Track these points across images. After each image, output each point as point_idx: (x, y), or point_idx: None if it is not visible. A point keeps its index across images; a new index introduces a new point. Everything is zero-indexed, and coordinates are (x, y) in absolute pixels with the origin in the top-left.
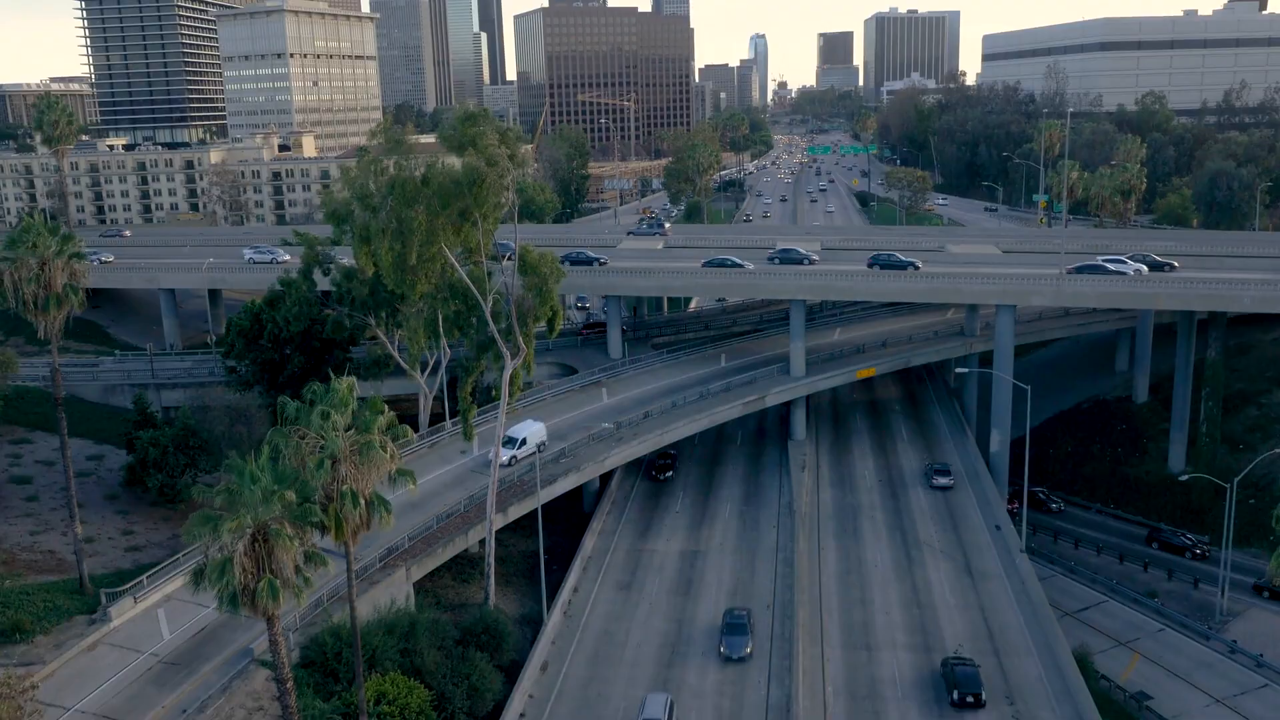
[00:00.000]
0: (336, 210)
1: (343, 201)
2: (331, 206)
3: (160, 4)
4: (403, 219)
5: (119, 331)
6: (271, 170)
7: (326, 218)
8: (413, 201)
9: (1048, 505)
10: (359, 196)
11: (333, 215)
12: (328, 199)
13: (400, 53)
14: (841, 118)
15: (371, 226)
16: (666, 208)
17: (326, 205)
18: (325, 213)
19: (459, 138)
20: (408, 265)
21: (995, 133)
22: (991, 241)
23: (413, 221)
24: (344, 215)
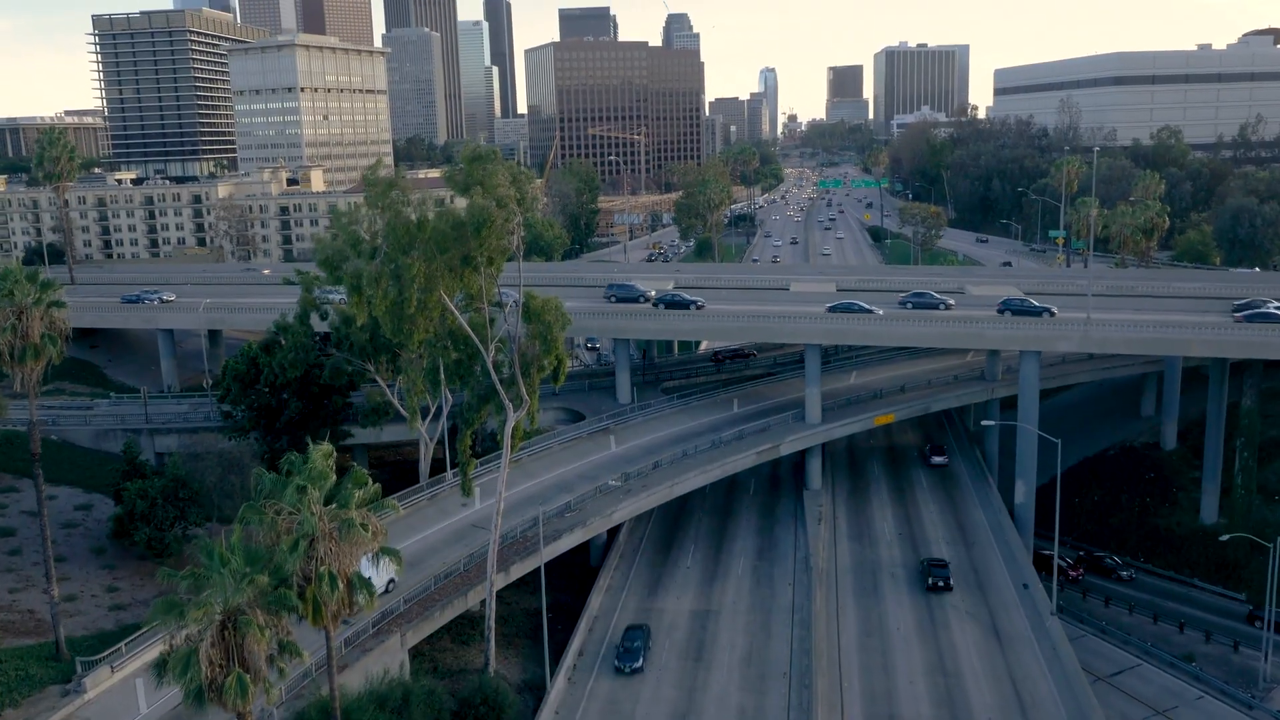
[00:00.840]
0: (329, 257)
1: (336, 247)
2: (325, 253)
3: (173, 38)
4: (398, 266)
5: (116, 372)
6: (279, 205)
7: (320, 264)
8: (408, 248)
9: (1117, 573)
10: (351, 242)
11: (326, 262)
12: (320, 245)
13: (412, 86)
14: (851, 150)
15: (364, 274)
16: (674, 244)
17: (320, 251)
18: (318, 259)
19: (466, 178)
20: (404, 314)
21: (1009, 167)
22: (1013, 282)
23: (409, 269)
24: (337, 262)
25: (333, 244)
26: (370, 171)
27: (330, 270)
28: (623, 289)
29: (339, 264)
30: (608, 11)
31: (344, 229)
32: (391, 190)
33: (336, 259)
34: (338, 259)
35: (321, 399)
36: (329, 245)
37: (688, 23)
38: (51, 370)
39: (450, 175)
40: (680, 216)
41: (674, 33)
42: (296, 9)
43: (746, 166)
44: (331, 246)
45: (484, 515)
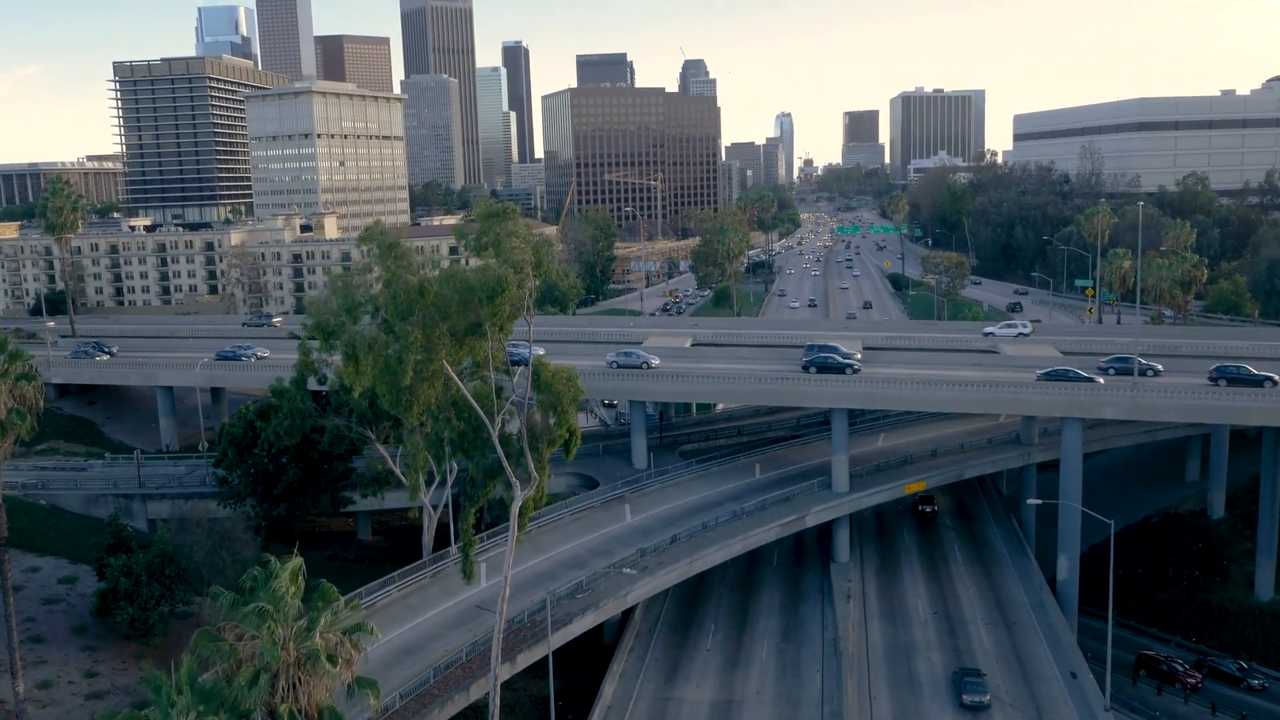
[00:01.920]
0: (323, 321)
1: (331, 311)
2: (318, 318)
3: (193, 85)
4: (396, 334)
5: (114, 430)
6: (292, 252)
7: (311, 331)
8: (407, 313)
9: (1246, 681)
10: (346, 308)
11: (319, 327)
12: (314, 309)
13: (429, 132)
14: (868, 195)
15: (358, 342)
16: (692, 291)
17: (313, 316)
18: (311, 325)
19: (479, 237)
20: (400, 384)
21: (1031, 214)
22: (1049, 340)
23: (407, 337)
24: (331, 326)
25: (327, 308)
26: (370, 231)
27: (324, 336)
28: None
29: (333, 330)
30: (624, 58)
31: (339, 292)
32: (393, 252)
33: (331, 324)
34: (332, 324)
35: (321, 464)
36: (324, 309)
37: (704, 69)
38: (47, 428)
39: (463, 233)
40: (698, 264)
41: (690, 78)
42: (317, 56)
43: (764, 213)
44: (326, 310)
45: (490, 595)
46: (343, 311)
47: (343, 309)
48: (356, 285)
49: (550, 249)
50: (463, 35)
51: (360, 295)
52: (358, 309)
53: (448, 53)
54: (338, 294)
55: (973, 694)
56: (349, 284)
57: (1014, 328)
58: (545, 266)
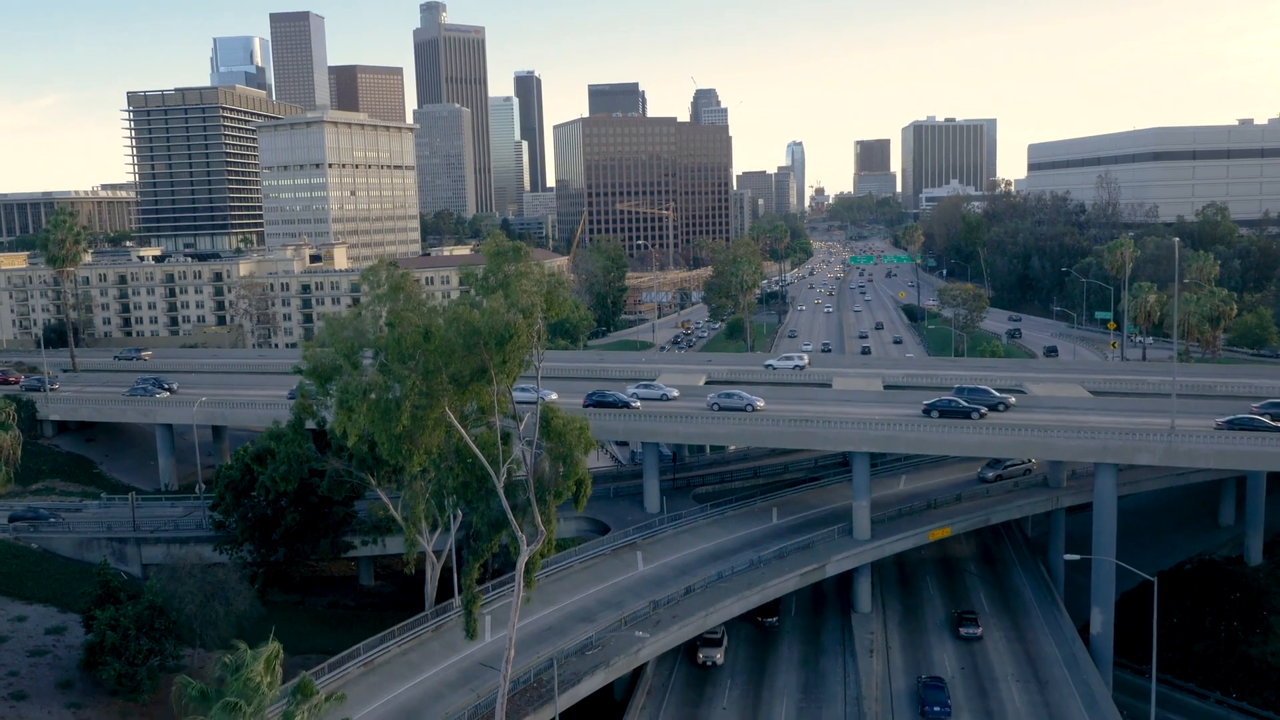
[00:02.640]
0: (318, 366)
1: (327, 355)
2: (314, 361)
3: (206, 114)
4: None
5: (112, 468)
6: (301, 283)
7: (307, 374)
8: (408, 359)
9: None
10: (344, 352)
11: (314, 372)
12: (309, 352)
13: (442, 161)
14: (880, 224)
15: (352, 389)
16: (705, 323)
17: (308, 359)
18: (306, 369)
19: (487, 277)
20: (396, 433)
21: (1048, 245)
22: (1076, 379)
23: (406, 383)
24: (327, 372)
25: (323, 352)
26: (371, 272)
27: (319, 382)
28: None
29: (329, 375)
30: (636, 87)
31: (336, 337)
32: (398, 294)
33: (327, 369)
34: (328, 369)
35: (321, 509)
36: (319, 354)
37: (715, 98)
38: (43, 466)
39: (471, 274)
40: (710, 296)
41: (702, 107)
42: (331, 86)
43: (778, 244)
44: (322, 354)
45: (495, 651)
46: (340, 355)
47: (339, 352)
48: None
49: (564, 290)
50: (475, 65)
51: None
52: (356, 353)
53: (460, 82)
54: (334, 337)
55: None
56: (346, 326)
57: None
58: (558, 308)
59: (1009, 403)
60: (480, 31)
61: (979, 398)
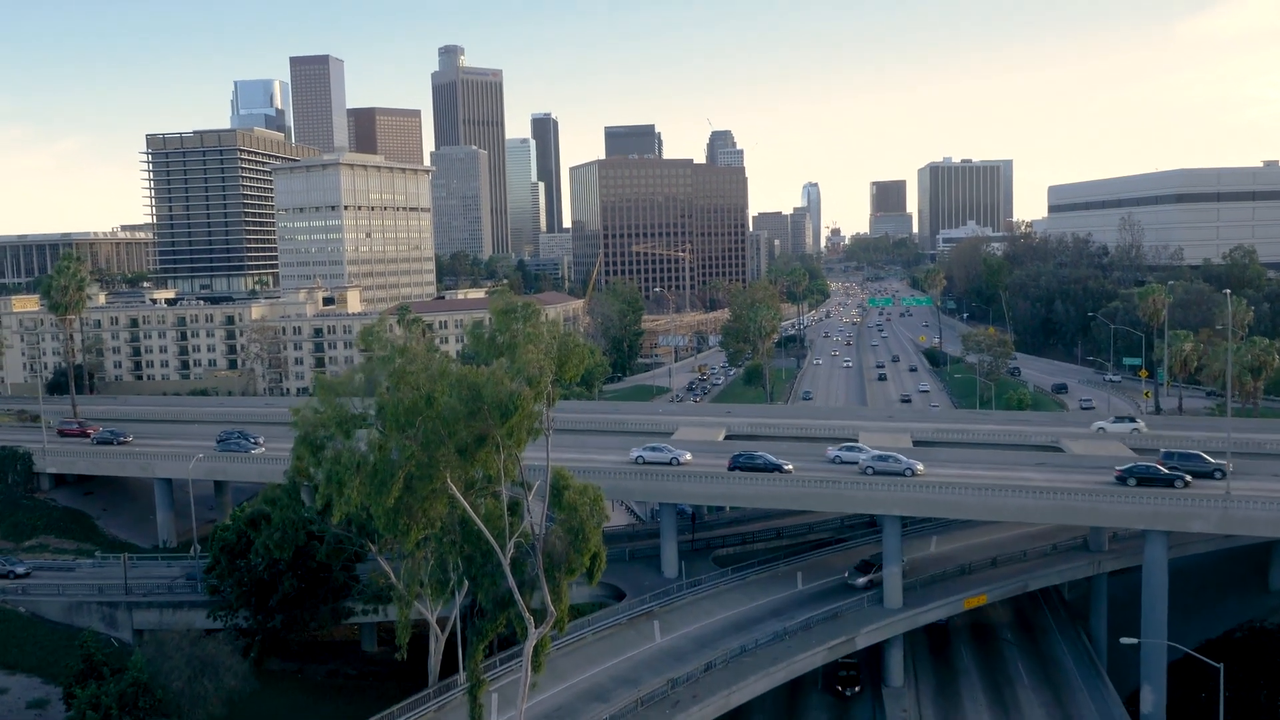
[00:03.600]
0: (309, 434)
1: (319, 422)
2: (304, 427)
3: (224, 156)
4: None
5: (109, 523)
6: (313, 326)
7: (297, 444)
8: (407, 427)
9: None
10: (335, 420)
11: (304, 440)
12: (299, 417)
13: (458, 202)
14: (897, 265)
15: (343, 461)
16: (715, 370)
17: (298, 425)
18: (296, 438)
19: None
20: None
21: (1071, 288)
22: (1118, 437)
23: (403, 453)
24: (319, 441)
25: (314, 418)
26: (371, 331)
27: (311, 451)
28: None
29: (321, 445)
30: (653, 129)
31: (328, 401)
32: (399, 357)
33: (318, 437)
34: (319, 438)
35: (320, 574)
36: (309, 419)
37: (731, 139)
38: (38, 521)
39: (477, 335)
40: (728, 341)
41: (718, 149)
42: (350, 128)
43: (796, 287)
44: (313, 420)
45: None
46: (332, 424)
47: (331, 419)
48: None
49: (578, 349)
50: (493, 107)
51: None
52: (349, 422)
53: (478, 124)
54: (325, 402)
55: None
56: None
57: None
58: (572, 369)
59: (1224, 469)
60: (498, 74)
61: (1189, 464)
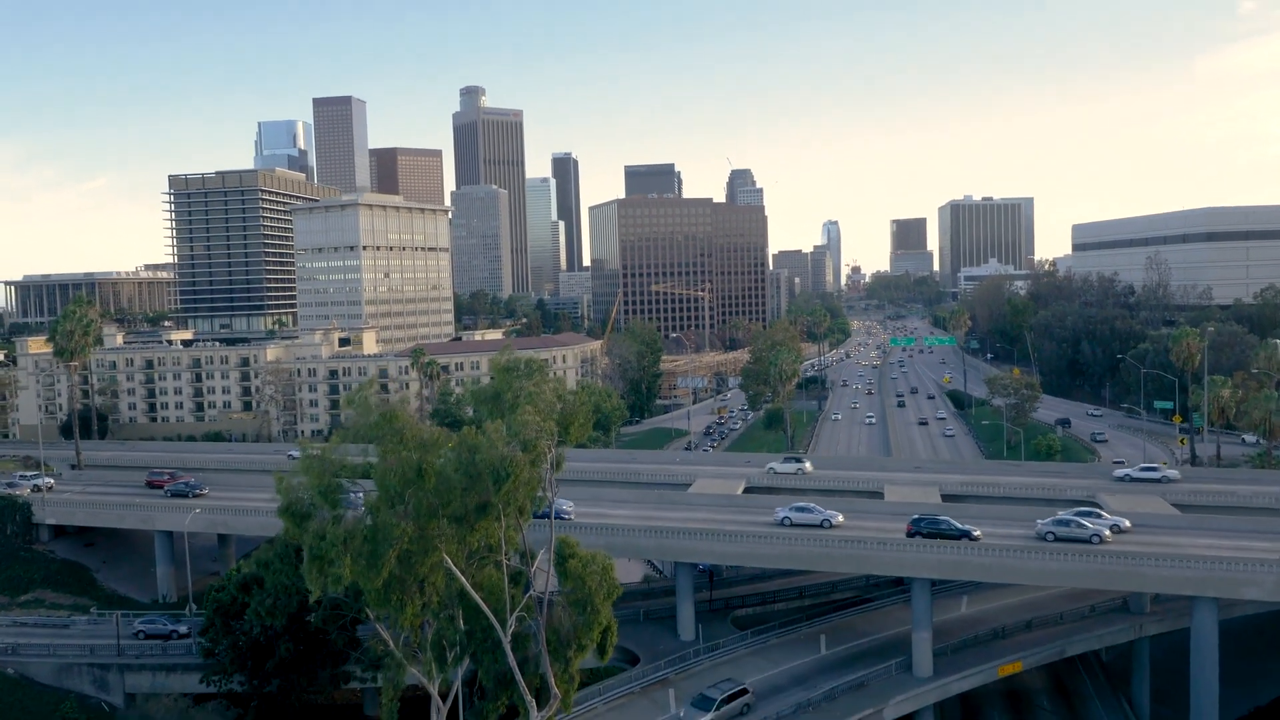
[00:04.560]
0: (292, 504)
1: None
2: (288, 497)
3: (245, 197)
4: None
5: (109, 576)
6: (328, 368)
7: (280, 513)
8: (398, 501)
9: None
10: (320, 490)
11: (288, 511)
12: (282, 485)
13: (479, 241)
14: (918, 303)
15: (330, 537)
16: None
17: (283, 495)
18: (280, 506)
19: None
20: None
21: (1098, 329)
22: (1158, 491)
23: (392, 531)
24: (302, 511)
25: (298, 487)
26: (358, 394)
27: (295, 522)
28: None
29: (305, 516)
30: (672, 168)
31: (313, 470)
32: (390, 424)
33: (302, 508)
34: (303, 508)
35: (318, 636)
36: (294, 488)
37: (751, 178)
38: (35, 575)
39: (478, 396)
40: (747, 383)
41: (737, 187)
42: (371, 168)
43: (817, 328)
44: (299, 489)
45: None
46: (316, 494)
47: (315, 489)
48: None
49: (584, 409)
50: (513, 147)
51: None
52: (335, 492)
53: (499, 164)
54: (309, 472)
55: None
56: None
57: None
58: (579, 429)
59: None
60: (518, 115)
61: None
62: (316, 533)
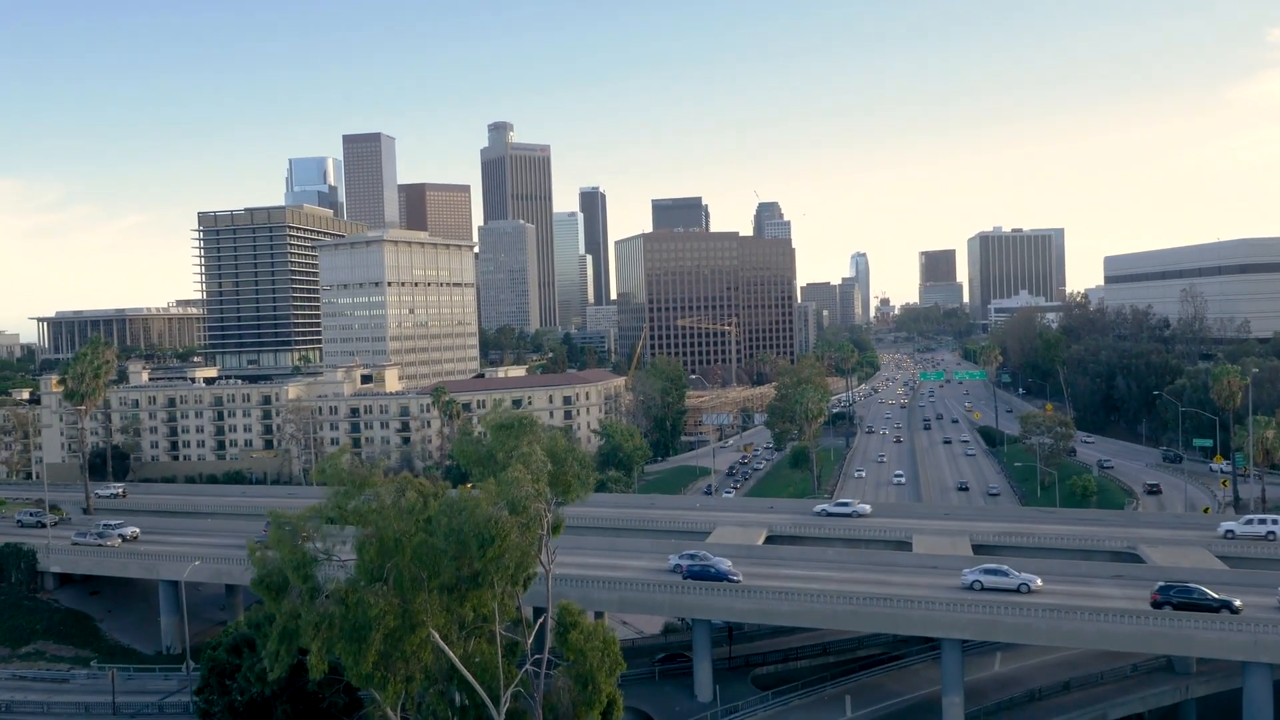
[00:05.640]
0: (266, 576)
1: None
2: (262, 571)
3: (273, 233)
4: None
5: (113, 626)
6: (349, 406)
7: (254, 585)
8: (378, 576)
9: None
10: (292, 564)
11: (263, 583)
12: (256, 556)
13: (506, 276)
14: (948, 335)
15: (302, 617)
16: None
17: (256, 566)
18: (254, 579)
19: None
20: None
21: (1133, 363)
22: (1201, 543)
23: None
24: (275, 585)
25: (271, 560)
26: (328, 463)
27: (270, 596)
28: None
29: (281, 588)
30: (699, 201)
31: (284, 544)
32: (362, 491)
33: (277, 580)
34: (279, 579)
35: (317, 697)
36: (267, 560)
37: (778, 211)
38: (38, 625)
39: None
40: (773, 421)
41: (765, 220)
42: (400, 203)
43: (844, 364)
44: (272, 562)
45: None
46: (288, 568)
47: (286, 563)
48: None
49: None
50: (541, 182)
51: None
52: (307, 565)
53: (526, 199)
54: (280, 544)
55: None
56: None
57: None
58: (576, 489)
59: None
60: (546, 150)
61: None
62: (290, 612)
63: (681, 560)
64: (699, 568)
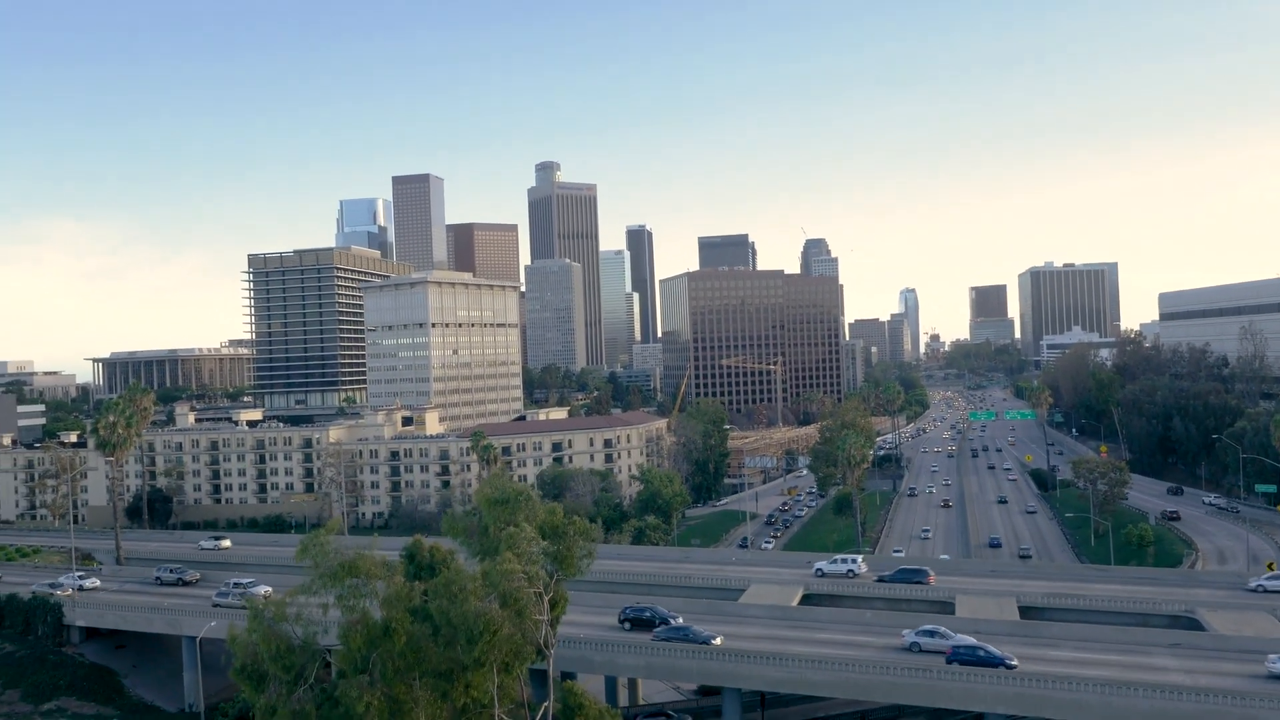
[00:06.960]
0: (248, 665)
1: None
2: (243, 658)
3: (320, 275)
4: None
5: (138, 682)
6: (390, 449)
7: (234, 675)
8: (362, 666)
9: None
10: (271, 654)
11: (243, 673)
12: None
13: (552, 315)
14: (999, 372)
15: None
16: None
17: (237, 653)
18: (234, 668)
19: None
20: None
21: (1191, 404)
22: (1266, 606)
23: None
24: (257, 673)
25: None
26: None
27: (252, 686)
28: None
29: (263, 677)
30: (746, 239)
31: (262, 634)
32: (348, 577)
33: (259, 668)
34: (261, 668)
35: None
36: (249, 645)
37: (825, 247)
38: (60, 680)
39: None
40: (816, 464)
41: (812, 257)
42: (449, 243)
43: (891, 405)
44: (254, 649)
45: None
46: (267, 659)
47: (267, 655)
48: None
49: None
50: (587, 220)
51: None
52: (290, 655)
53: (573, 238)
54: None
55: None
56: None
57: None
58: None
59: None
60: (592, 189)
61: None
62: (266, 706)
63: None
64: None
